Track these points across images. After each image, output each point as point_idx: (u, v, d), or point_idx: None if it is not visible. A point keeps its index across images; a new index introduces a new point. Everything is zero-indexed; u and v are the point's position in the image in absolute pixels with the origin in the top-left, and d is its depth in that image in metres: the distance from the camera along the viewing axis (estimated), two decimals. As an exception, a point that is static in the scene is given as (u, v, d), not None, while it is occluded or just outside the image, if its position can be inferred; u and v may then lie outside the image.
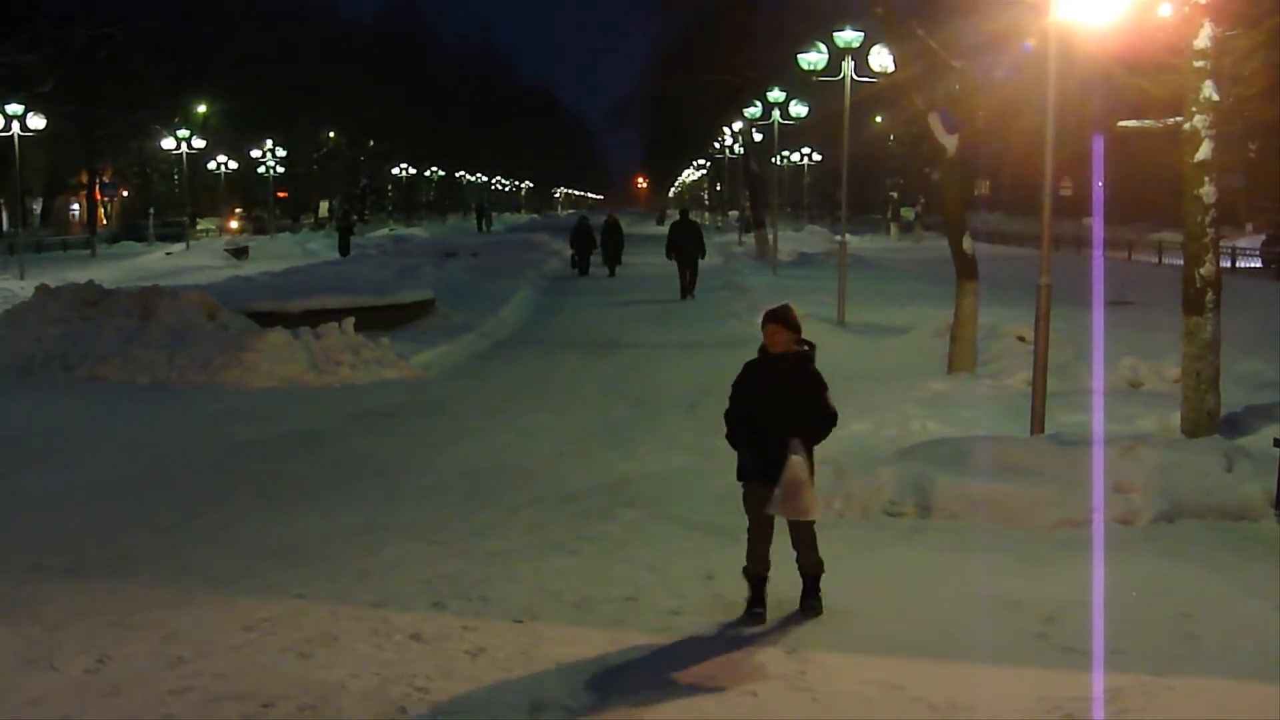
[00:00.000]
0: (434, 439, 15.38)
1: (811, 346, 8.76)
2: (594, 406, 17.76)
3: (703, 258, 35.83)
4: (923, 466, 11.35)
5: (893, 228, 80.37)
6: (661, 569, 9.73)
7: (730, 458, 8.79)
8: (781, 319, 8.72)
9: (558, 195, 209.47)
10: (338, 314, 22.20)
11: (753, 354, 8.99)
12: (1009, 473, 11.20)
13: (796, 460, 8.24)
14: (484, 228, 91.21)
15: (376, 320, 23.80)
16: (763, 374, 8.65)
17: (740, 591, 8.88)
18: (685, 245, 35.10)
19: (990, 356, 19.04)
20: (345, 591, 9.16)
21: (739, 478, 8.71)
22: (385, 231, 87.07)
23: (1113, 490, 10.85)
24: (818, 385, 8.54)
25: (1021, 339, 19.08)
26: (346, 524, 11.17)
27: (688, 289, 35.02)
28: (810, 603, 8.68)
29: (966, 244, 18.76)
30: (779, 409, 8.41)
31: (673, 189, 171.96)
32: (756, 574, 8.66)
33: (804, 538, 8.62)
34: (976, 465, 11.37)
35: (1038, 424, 12.94)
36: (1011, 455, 11.52)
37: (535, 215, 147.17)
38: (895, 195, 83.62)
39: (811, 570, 8.71)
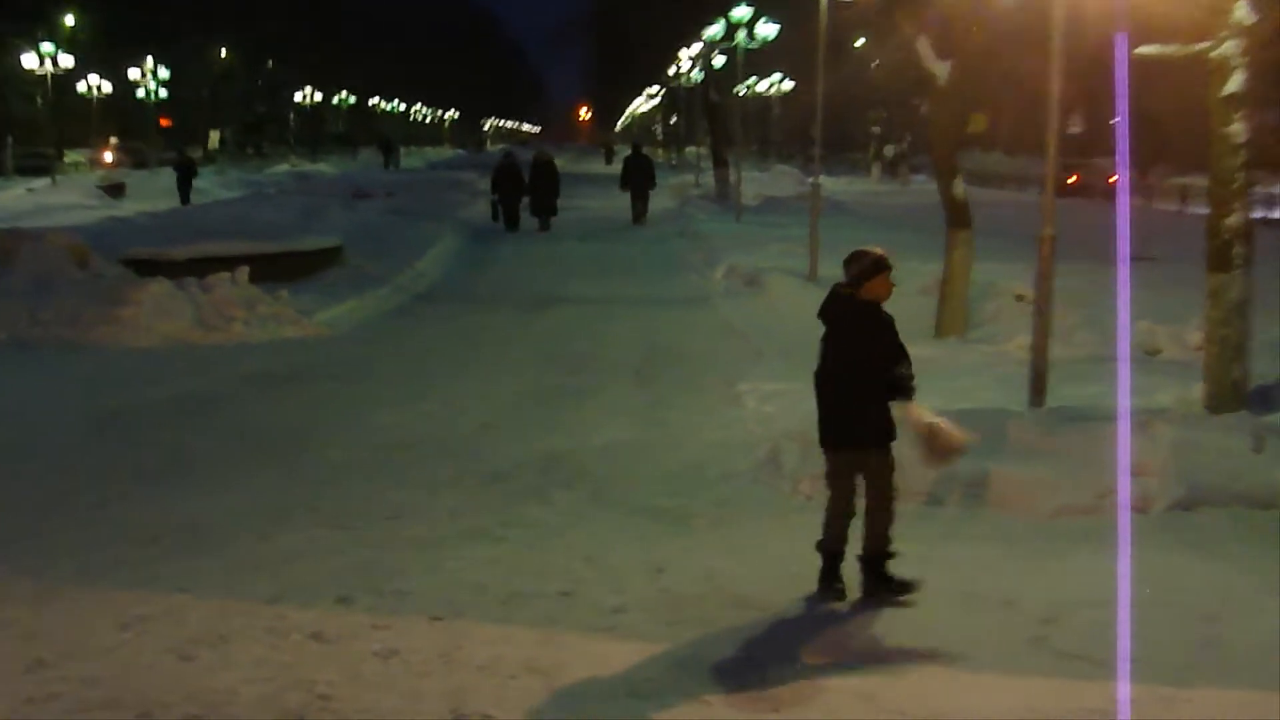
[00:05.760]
0: (341, 407, 15.34)
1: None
2: (526, 371, 17.74)
3: (652, 189, 44.41)
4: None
5: (874, 168, 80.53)
6: (601, 560, 9.74)
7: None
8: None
9: (487, 128, 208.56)
10: (229, 262, 22.04)
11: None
12: (1003, 452, 11.25)
13: (911, 410, 9.14)
14: (392, 165, 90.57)
15: (275, 270, 23.64)
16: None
17: (691, 586, 8.94)
18: (638, 178, 43.52)
19: (984, 318, 19.14)
20: (236, 584, 9.13)
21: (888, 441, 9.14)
22: (285, 167, 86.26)
23: (1124, 473, 10.91)
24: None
25: (1020, 298, 19.18)
26: (238, 506, 11.12)
27: (639, 216, 43.20)
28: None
29: (958, 188, 18.83)
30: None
31: (621, 121, 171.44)
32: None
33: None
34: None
35: (1038, 396, 13.00)
36: (1007, 432, 11.57)
37: (461, 150, 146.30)
38: (878, 131, 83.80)
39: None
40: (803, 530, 9.54)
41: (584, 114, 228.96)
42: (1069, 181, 59.16)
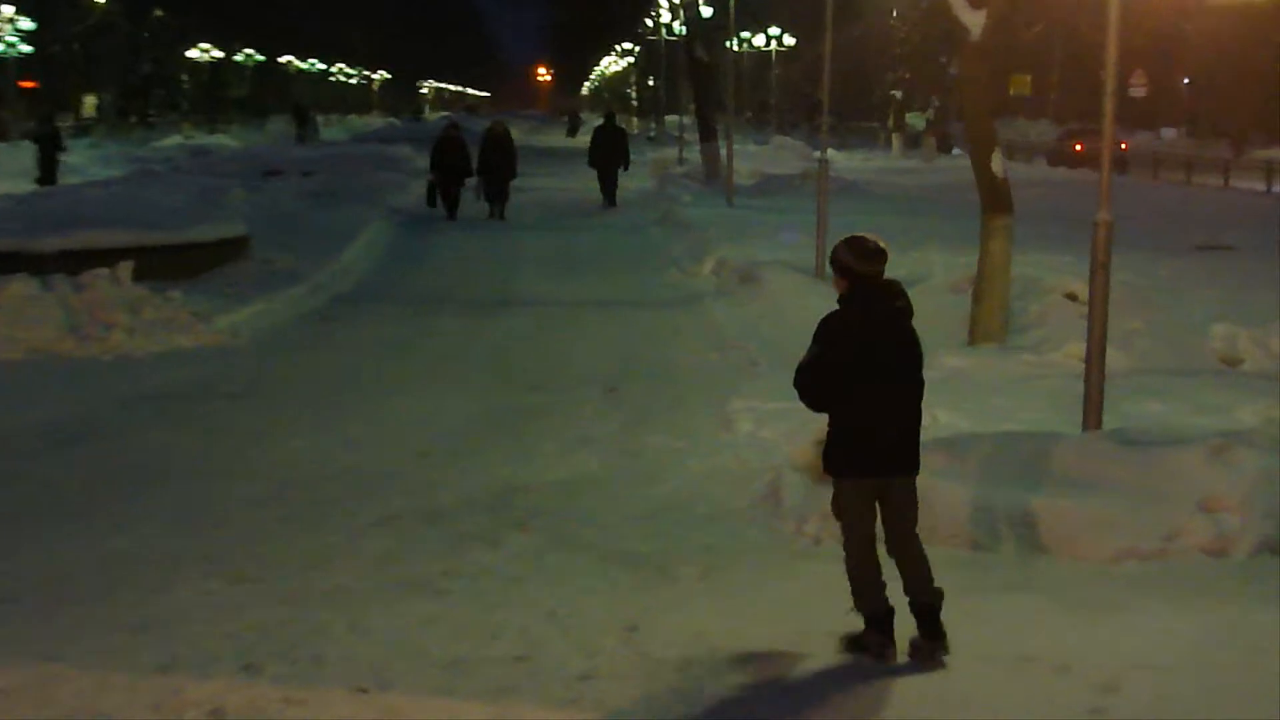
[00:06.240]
0: (246, 433, 15.30)
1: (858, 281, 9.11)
2: (473, 389, 17.74)
3: (625, 169, 45.29)
4: (931, 476, 11.38)
5: (895, 141, 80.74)
6: (565, 617, 9.73)
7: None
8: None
9: (425, 92, 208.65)
10: (109, 256, 21.96)
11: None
12: (1052, 484, 11.25)
13: None
14: (307, 137, 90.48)
15: (166, 266, 23.58)
16: None
17: (674, 649, 8.92)
18: (609, 153, 44.48)
19: (1028, 321, 19.15)
20: (119, 650, 9.10)
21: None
22: (178, 140, 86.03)
23: (1198, 509, 10.92)
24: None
25: (1072, 297, 19.21)
26: (120, 554, 11.08)
27: (611, 199, 44.11)
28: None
29: (997, 164, 18.83)
30: None
31: (587, 85, 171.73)
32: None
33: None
34: (1007, 473, 11.42)
35: (1093, 416, 13.02)
36: (1056, 459, 11.58)
37: (394, 119, 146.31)
38: (899, 96, 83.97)
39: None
40: (809, 580, 9.55)
41: (543, 76, 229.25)
42: (1075, 149, 60.46)
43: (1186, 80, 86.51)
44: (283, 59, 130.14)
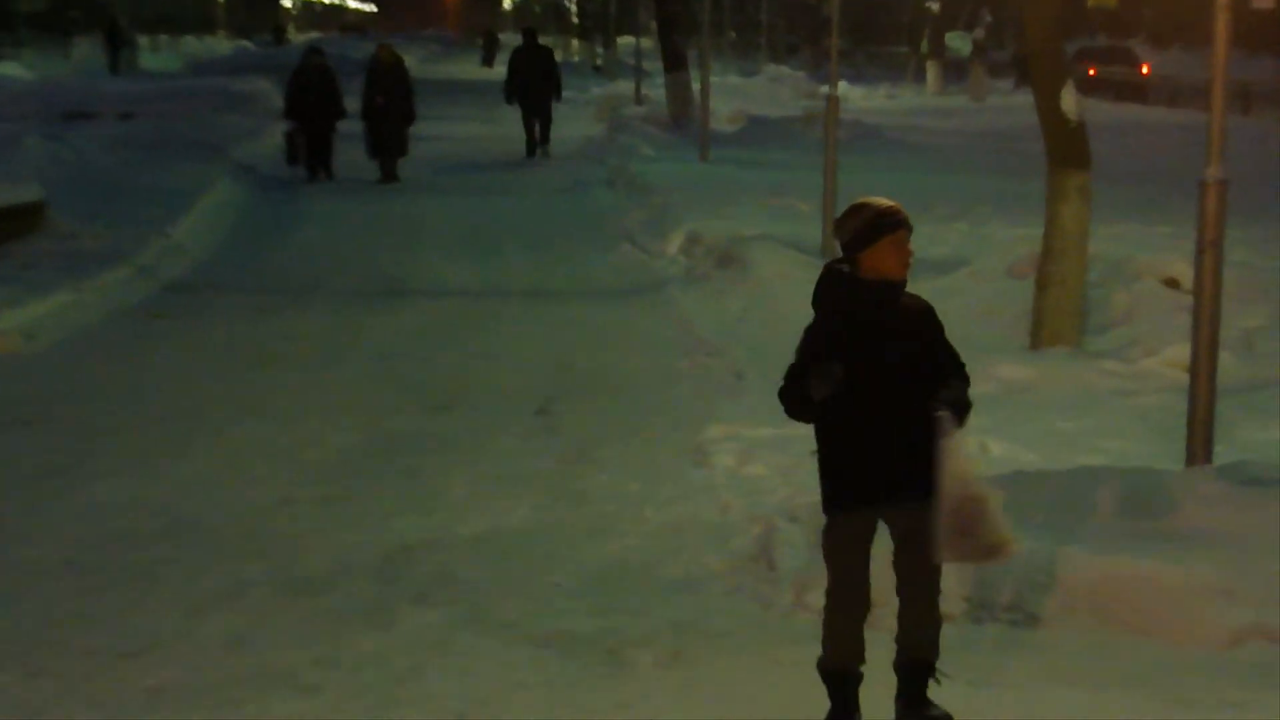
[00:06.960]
0: (44, 473, 15.27)
1: None
2: (355, 411, 17.72)
3: (557, 100, 46.09)
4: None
5: (931, 71, 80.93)
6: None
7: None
8: (908, 222, 9.24)
9: (288, 5, 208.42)
10: None
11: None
12: (1145, 539, 11.29)
13: (961, 456, 8.70)
14: (124, 66, 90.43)
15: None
16: (858, 316, 9.01)
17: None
18: (534, 83, 44.67)
19: (1113, 316, 19.21)
20: None
21: (826, 507, 8.94)
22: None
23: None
24: (940, 328, 9.04)
25: (1172, 284, 19.27)
26: None
27: (540, 142, 45.04)
28: (925, 712, 8.98)
29: (1068, 102, 18.87)
30: (890, 378, 8.79)
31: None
32: (841, 668, 9.01)
33: (927, 594, 9.00)
34: (1081, 524, 11.44)
35: (1201, 445, 13.04)
36: (1151, 505, 11.62)
37: (246, 43, 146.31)
38: (935, 10, 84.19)
39: (927, 654, 9.06)
40: (811, 669, 9.55)
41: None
42: (1088, 73, 62.19)
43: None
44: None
